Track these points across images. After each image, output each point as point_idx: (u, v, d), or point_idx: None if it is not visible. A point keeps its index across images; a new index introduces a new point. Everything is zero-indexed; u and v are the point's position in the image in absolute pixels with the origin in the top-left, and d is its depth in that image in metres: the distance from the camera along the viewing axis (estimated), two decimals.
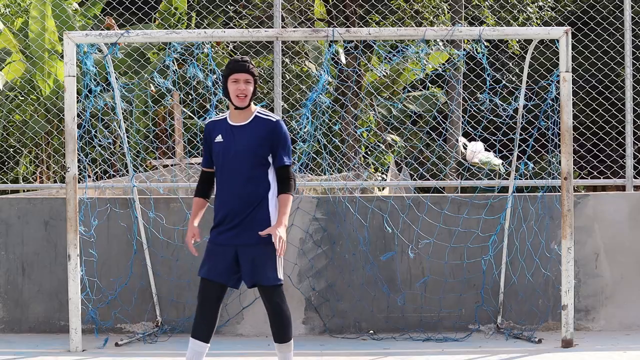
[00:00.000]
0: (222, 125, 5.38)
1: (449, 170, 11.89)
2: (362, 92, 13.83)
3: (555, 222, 7.42)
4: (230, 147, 5.28)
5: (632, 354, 6.55)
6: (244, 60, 5.36)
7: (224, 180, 5.30)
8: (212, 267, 5.26)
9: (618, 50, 10.65)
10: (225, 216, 5.25)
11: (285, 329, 5.26)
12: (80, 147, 7.23)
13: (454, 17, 15.47)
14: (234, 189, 5.25)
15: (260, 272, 5.20)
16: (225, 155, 5.29)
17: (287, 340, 5.30)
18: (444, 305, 7.44)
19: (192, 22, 16.16)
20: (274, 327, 5.27)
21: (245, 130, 5.30)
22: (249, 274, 5.22)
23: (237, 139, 5.29)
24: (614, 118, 9.82)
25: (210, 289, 5.26)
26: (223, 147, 5.31)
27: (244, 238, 5.22)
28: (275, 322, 5.25)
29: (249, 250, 5.21)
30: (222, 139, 5.33)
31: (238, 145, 5.27)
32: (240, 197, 5.23)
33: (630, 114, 7.97)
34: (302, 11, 15.38)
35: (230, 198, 5.25)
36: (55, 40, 13.20)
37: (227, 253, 5.24)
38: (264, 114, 5.38)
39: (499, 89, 7.73)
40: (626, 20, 8.03)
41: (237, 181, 5.24)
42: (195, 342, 5.25)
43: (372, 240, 7.44)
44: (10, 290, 7.53)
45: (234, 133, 5.32)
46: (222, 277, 5.25)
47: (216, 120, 5.45)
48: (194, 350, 5.26)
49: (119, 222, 7.48)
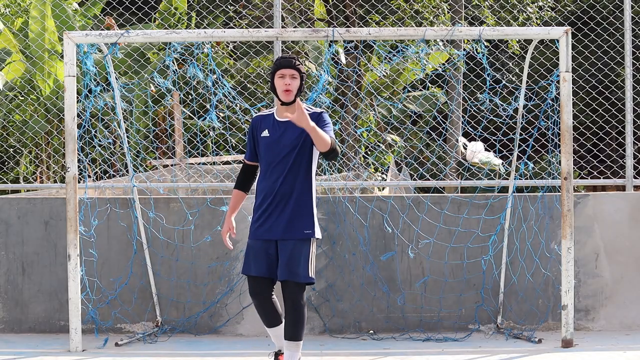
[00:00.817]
0: (269, 120, 5.52)
1: (449, 170, 11.89)
2: (362, 92, 13.82)
3: (555, 222, 7.43)
4: (276, 142, 5.41)
5: (632, 354, 6.55)
6: (290, 56, 5.50)
7: (269, 174, 5.42)
8: (257, 264, 5.39)
9: (618, 50, 10.67)
10: (268, 209, 5.38)
11: (300, 327, 5.37)
12: (80, 147, 7.23)
13: (454, 17, 15.47)
14: (278, 183, 5.38)
15: (294, 268, 5.31)
16: (271, 150, 5.42)
17: (299, 339, 5.40)
18: (444, 305, 7.44)
19: (192, 22, 16.16)
20: (289, 324, 5.37)
21: (293, 125, 5.37)
22: (284, 268, 5.33)
23: (283, 133, 5.41)
24: (614, 118, 9.83)
25: (260, 284, 5.41)
26: (269, 141, 5.44)
27: (285, 232, 5.35)
28: (292, 319, 5.35)
29: (288, 245, 5.34)
30: (269, 133, 5.46)
31: (284, 139, 5.40)
32: (284, 191, 5.37)
33: (630, 114, 7.97)
34: (302, 11, 15.37)
35: (274, 192, 5.38)
36: (55, 40, 13.20)
37: (270, 247, 5.39)
38: (309, 109, 5.50)
39: (499, 89, 7.73)
40: (626, 20, 8.03)
41: (282, 175, 5.37)
42: (272, 329, 5.53)
43: (372, 240, 7.44)
44: (10, 290, 7.53)
45: (280, 128, 5.44)
46: (269, 272, 5.39)
47: (263, 115, 5.58)
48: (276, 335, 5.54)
49: (119, 222, 7.48)
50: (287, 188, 5.37)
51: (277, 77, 5.46)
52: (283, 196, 5.37)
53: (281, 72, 5.44)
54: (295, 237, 5.35)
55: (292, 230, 5.35)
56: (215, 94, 7.26)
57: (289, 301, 5.32)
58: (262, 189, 5.45)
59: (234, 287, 7.44)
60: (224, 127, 9.49)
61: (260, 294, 5.42)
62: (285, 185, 5.37)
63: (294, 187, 5.38)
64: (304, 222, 5.36)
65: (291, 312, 5.33)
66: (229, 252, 7.44)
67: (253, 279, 5.43)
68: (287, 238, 5.35)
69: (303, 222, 5.36)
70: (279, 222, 5.36)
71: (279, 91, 5.45)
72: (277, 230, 5.36)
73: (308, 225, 5.39)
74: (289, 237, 5.35)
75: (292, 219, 5.36)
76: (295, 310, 5.33)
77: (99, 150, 7.77)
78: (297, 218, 5.36)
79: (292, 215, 5.36)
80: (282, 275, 5.34)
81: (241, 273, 5.66)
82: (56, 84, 13.68)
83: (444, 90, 17.12)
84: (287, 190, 5.37)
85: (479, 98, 7.46)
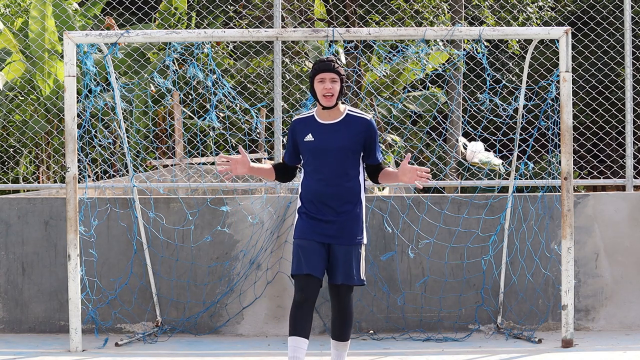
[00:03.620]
0: (311, 124, 5.39)
1: (449, 170, 11.88)
2: (362, 92, 13.82)
3: (555, 222, 7.42)
4: (324, 146, 5.31)
5: (632, 354, 6.55)
6: (329, 59, 5.35)
7: (319, 179, 5.32)
8: (310, 264, 5.27)
9: (618, 50, 10.66)
10: (319, 213, 5.30)
11: (349, 328, 5.40)
12: (80, 147, 7.23)
13: (454, 17, 15.46)
14: (329, 187, 5.29)
15: (349, 272, 5.28)
16: (319, 154, 5.32)
17: (348, 339, 5.42)
18: (444, 305, 7.44)
19: (192, 22, 16.16)
20: (338, 326, 5.37)
21: (340, 129, 5.32)
22: (339, 272, 5.28)
23: (331, 137, 5.32)
24: (614, 118, 9.82)
25: (312, 285, 5.26)
26: (315, 145, 5.33)
27: (339, 236, 5.29)
28: (342, 320, 5.35)
29: (342, 249, 5.29)
30: (313, 137, 5.34)
31: (333, 143, 5.30)
32: (335, 194, 5.29)
33: (630, 114, 7.97)
34: (302, 11, 15.38)
35: (325, 196, 5.29)
36: (55, 40, 13.19)
37: (322, 249, 5.29)
38: (355, 112, 5.41)
39: (499, 89, 7.72)
40: (626, 20, 8.03)
41: (333, 179, 5.29)
42: (297, 339, 5.22)
43: (372, 240, 7.44)
44: (10, 290, 7.53)
45: (326, 131, 5.34)
46: (320, 272, 5.28)
47: (303, 118, 5.46)
48: (297, 347, 5.22)
49: (119, 222, 7.48)
50: (340, 190, 5.29)
51: (317, 81, 5.31)
52: (335, 198, 5.29)
53: (321, 76, 5.29)
54: (350, 242, 5.30)
55: (346, 236, 5.28)
56: (215, 94, 7.26)
57: (342, 303, 5.32)
58: (310, 193, 5.34)
59: (234, 287, 7.44)
60: (224, 127, 9.49)
61: (309, 296, 5.24)
62: (335, 190, 5.29)
63: (346, 189, 5.31)
64: (356, 228, 5.32)
65: (343, 314, 5.34)
66: (229, 252, 7.44)
67: (305, 279, 5.26)
68: (342, 243, 5.29)
69: (355, 228, 5.31)
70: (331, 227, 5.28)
71: (319, 96, 5.31)
72: (331, 235, 5.28)
73: (359, 231, 5.35)
74: (344, 243, 5.29)
75: (345, 224, 5.29)
76: (346, 311, 5.34)
77: (99, 150, 7.77)
78: (349, 223, 5.30)
79: (345, 220, 5.29)
80: (339, 279, 5.29)
81: (291, 274, 5.38)
82: (56, 84, 13.68)
83: (444, 90, 17.12)
84: (336, 195, 5.29)
85: (479, 98, 7.46)
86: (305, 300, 5.23)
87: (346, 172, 5.31)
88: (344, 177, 5.31)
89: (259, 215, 7.44)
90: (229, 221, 7.46)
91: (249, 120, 10.05)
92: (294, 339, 5.22)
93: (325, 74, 5.30)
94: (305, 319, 5.23)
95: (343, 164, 5.31)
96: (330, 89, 5.29)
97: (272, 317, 7.43)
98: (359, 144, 5.34)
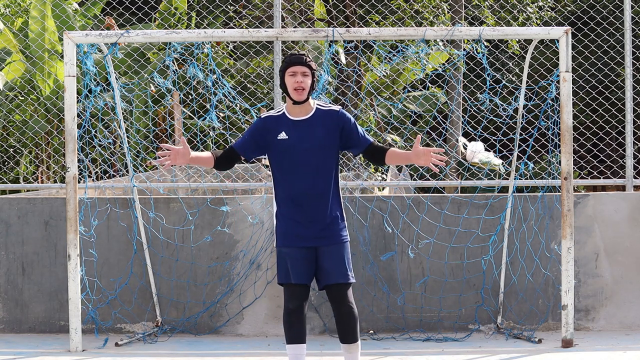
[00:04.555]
0: (284, 122, 5.26)
1: (449, 170, 11.88)
2: (362, 92, 13.82)
3: (555, 222, 7.42)
4: (298, 143, 5.19)
5: (632, 354, 6.55)
6: (301, 53, 5.26)
7: (293, 178, 5.20)
8: (296, 271, 5.17)
9: (618, 50, 10.66)
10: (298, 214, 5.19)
11: (356, 329, 5.23)
12: (80, 147, 7.23)
13: (454, 17, 15.45)
14: (307, 185, 5.18)
15: (338, 270, 5.17)
16: (294, 152, 5.20)
17: (357, 339, 5.26)
18: (444, 305, 7.44)
19: (192, 22, 16.15)
20: (344, 328, 5.21)
21: (311, 124, 5.23)
22: (332, 272, 5.18)
23: (303, 133, 5.21)
24: (614, 118, 9.82)
25: (301, 291, 5.19)
26: (291, 143, 5.20)
27: (325, 237, 5.19)
28: (347, 322, 5.20)
29: (330, 249, 5.19)
30: (287, 135, 5.22)
31: (307, 140, 5.19)
32: (314, 193, 5.18)
33: (630, 114, 7.97)
34: (302, 11, 15.37)
35: (304, 195, 5.18)
36: (55, 40, 13.19)
37: (309, 254, 5.20)
38: (324, 105, 5.31)
39: (499, 89, 7.73)
40: (626, 20, 8.03)
41: (309, 177, 5.18)
42: (295, 346, 5.18)
43: (372, 240, 7.44)
44: (10, 290, 7.53)
45: (300, 128, 5.22)
46: (308, 279, 5.19)
47: (274, 116, 5.31)
48: (297, 354, 5.19)
49: (119, 222, 7.48)
50: (317, 191, 5.18)
51: (288, 75, 5.19)
52: (314, 200, 5.18)
53: (292, 69, 5.18)
54: (337, 241, 5.21)
55: (331, 235, 5.20)
56: (215, 94, 7.26)
57: (339, 305, 5.19)
58: (288, 194, 5.22)
59: (234, 287, 7.44)
60: (224, 127, 9.48)
61: (301, 303, 5.18)
62: (314, 188, 5.18)
63: (324, 190, 5.20)
64: (340, 226, 5.24)
65: (343, 316, 5.19)
66: (229, 252, 7.44)
67: (294, 287, 5.18)
68: (329, 243, 5.19)
69: (339, 226, 5.23)
70: (315, 228, 5.19)
71: (290, 90, 5.19)
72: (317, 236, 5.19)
73: (343, 228, 5.27)
74: (331, 242, 5.19)
75: (329, 223, 5.20)
76: (349, 313, 5.19)
77: (99, 150, 7.77)
78: (333, 222, 5.22)
79: (328, 219, 5.20)
80: (332, 279, 5.18)
81: (278, 283, 5.32)
82: (56, 84, 13.67)
83: (444, 90, 17.12)
84: (316, 193, 5.18)
85: (479, 98, 7.46)
86: (296, 307, 5.18)
87: (323, 168, 5.20)
88: (320, 173, 5.20)
89: (259, 215, 7.44)
90: (229, 221, 7.46)
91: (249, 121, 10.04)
92: (293, 347, 5.20)
93: (297, 67, 5.19)
94: (300, 325, 5.19)
95: (319, 161, 5.20)
96: (301, 83, 5.17)
97: (272, 317, 7.43)
98: (336, 137, 5.24)
